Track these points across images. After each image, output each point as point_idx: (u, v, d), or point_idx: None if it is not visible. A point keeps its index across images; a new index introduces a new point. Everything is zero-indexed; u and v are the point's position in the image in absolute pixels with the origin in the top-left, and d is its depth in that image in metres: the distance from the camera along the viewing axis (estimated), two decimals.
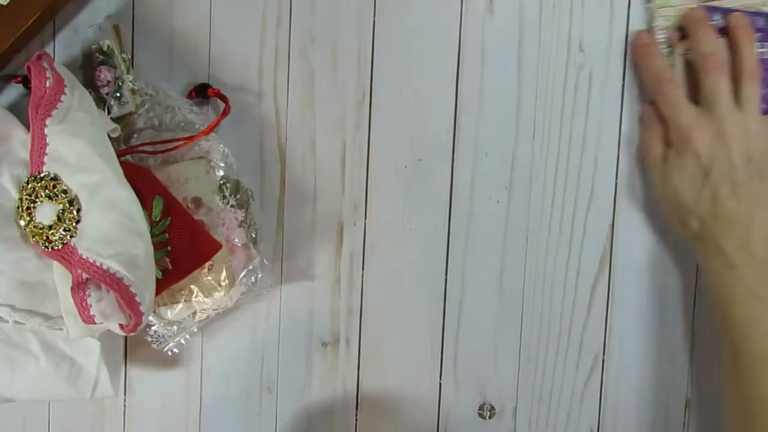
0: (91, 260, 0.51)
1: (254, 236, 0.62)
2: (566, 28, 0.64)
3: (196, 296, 0.59)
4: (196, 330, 0.62)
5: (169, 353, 0.62)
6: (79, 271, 0.52)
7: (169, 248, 0.55)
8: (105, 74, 0.60)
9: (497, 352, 0.66)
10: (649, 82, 0.61)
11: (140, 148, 0.59)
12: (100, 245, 0.52)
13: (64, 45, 0.63)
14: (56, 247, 0.54)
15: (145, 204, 0.55)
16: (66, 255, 0.54)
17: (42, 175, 0.54)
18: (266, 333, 0.65)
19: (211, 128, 0.60)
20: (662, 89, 0.60)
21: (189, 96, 0.62)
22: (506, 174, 0.65)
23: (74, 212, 0.54)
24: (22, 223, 0.55)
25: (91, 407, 0.65)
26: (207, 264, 0.59)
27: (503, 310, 0.66)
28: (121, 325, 0.52)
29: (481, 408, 0.66)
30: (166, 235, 0.55)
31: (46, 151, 0.54)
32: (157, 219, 0.55)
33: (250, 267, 0.61)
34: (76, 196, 0.54)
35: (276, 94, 0.64)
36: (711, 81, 0.58)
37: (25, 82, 0.61)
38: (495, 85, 0.64)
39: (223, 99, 0.61)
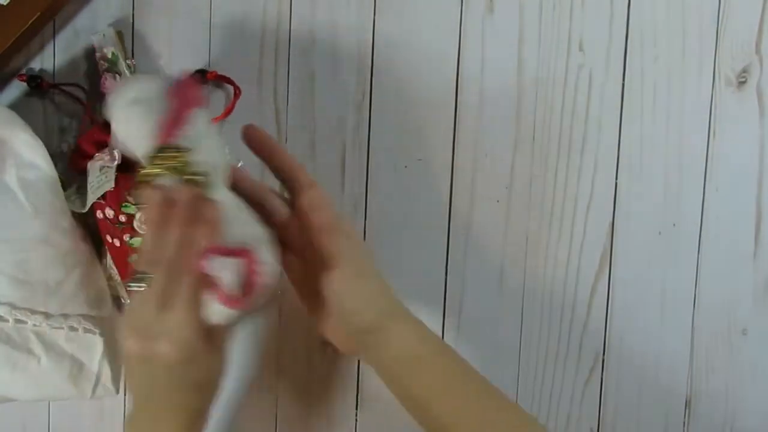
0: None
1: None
2: (566, 28, 0.64)
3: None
4: None
5: None
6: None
7: None
8: (111, 82, 0.60)
9: (497, 352, 0.66)
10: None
11: None
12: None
13: (64, 45, 0.63)
14: None
15: None
16: None
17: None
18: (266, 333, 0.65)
19: (229, 111, 0.62)
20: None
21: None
22: (506, 174, 0.65)
23: None
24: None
25: (91, 407, 0.65)
26: None
27: (503, 310, 0.66)
28: (232, 300, 0.49)
29: None
30: None
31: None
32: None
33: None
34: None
35: (276, 94, 0.64)
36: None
37: (30, 81, 0.61)
38: (495, 85, 0.64)
39: (229, 81, 0.62)
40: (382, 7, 0.64)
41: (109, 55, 0.60)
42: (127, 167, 0.57)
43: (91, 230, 0.60)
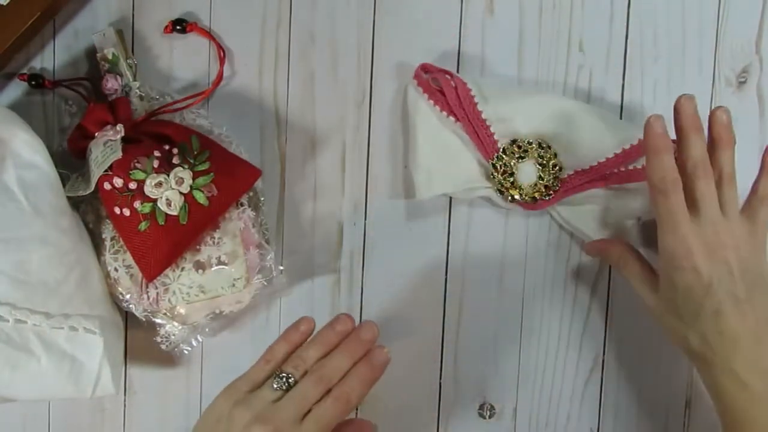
0: None
1: (266, 235, 0.62)
2: (566, 28, 0.64)
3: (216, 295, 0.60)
4: (207, 330, 0.62)
5: (185, 351, 0.63)
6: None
7: (212, 175, 0.57)
8: (112, 83, 0.60)
9: (497, 352, 0.66)
10: (653, 179, 0.54)
11: (162, 110, 0.61)
12: None
13: (64, 45, 0.63)
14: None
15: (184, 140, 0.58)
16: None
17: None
18: (266, 333, 0.65)
19: (219, 77, 0.62)
20: (667, 192, 0.54)
21: (165, 30, 0.62)
22: None
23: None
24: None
25: (91, 407, 0.66)
26: (227, 259, 0.59)
27: (503, 310, 0.66)
28: None
29: (481, 408, 0.66)
30: (208, 163, 0.57)
31: (492, 130, 0.61)
32: (197, 152, 0.58)
33: (266, 265, 0.61)
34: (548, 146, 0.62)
35: (276, 94, 0.64)
36: (702, 187, 0.54)
37: (31, 80, 0.61)
38: (495, 86, 0.64)
39: (211, 38, 0.62)
40: (382, 7, 0.64)
41: (110, 56, 0.60)
42: (129, 139, 0.58)
43: (90, 229, 0.60)
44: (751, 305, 0.53)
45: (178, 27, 0.62)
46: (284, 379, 0.52)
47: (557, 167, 0.62)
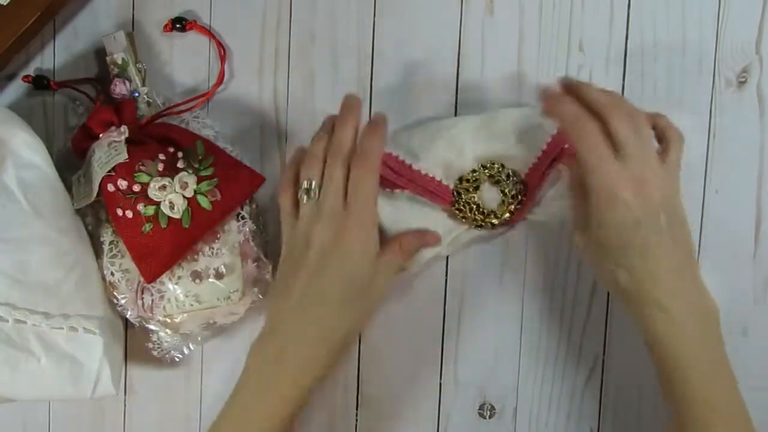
0: None
1: (265, 248, 0.62)
2: (566, 28, 0.64)
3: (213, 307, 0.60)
4: (200, 339, 0.62)
5: (176, 359, 0.63)
6: None
7: (217, 180, 0.58)
8: (120, 87, 0.60)
9: (497, 352, 0.66)
10: (567, 128, 0.55)
11: (166, 112, 0.61)
12: None
13: (64, 45, 0.63)
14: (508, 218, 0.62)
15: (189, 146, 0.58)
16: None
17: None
18: None
19: (221, 77, 0.63)
20: (582, 134, 0.54)
21: (165, 29, 0.62)
22: None
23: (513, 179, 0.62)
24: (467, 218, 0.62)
25: (91, 407, 0.66)
26: (224, 270, 0.59)
27: (503, 310, 0.66)
28: None
29: (481, 408, 0.66)
30: (212, 169, 0.58)
31: (438, 178, 0.61)
32: (201, 157, 0.58)
33: (263, 278, 0.61)
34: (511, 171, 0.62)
35: (276, 94, 0.64)
36: (618, 124, 0.53)
37: (35, 81, 0.61)
38: (495, 86, 0.64)
39: (211, 36, 0.62)
40: (382, 7, 0.64)
41: (119, 61, 0.60)
42: (134, 141, 0.58)
43: (89, 232, 0.60)
44: (674, 241, 0.54)
45: (177, 25, 0.62)
46: (307, 188, 0.56)
47: (511, 176, 0.62)
